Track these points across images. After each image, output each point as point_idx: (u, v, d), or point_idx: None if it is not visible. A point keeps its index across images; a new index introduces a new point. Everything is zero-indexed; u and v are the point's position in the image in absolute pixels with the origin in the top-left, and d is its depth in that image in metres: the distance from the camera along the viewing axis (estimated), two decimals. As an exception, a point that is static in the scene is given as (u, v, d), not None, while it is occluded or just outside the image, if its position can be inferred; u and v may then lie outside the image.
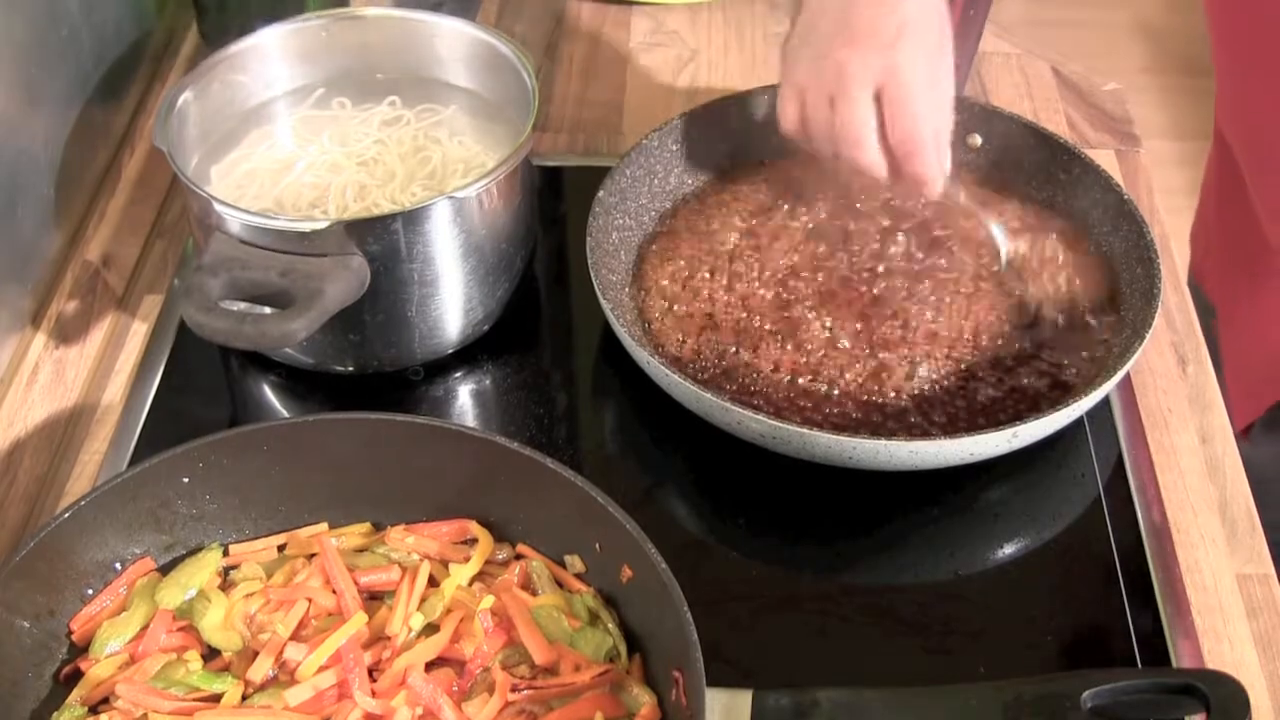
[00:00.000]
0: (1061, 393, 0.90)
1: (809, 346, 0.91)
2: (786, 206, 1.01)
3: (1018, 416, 0.88)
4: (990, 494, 0.88)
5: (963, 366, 0.90)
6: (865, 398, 0.89)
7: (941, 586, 0.84)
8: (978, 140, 1.06)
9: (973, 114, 1.06)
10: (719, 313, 0.94)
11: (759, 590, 0.83)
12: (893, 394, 0.89)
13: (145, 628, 0.76)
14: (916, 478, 0.86)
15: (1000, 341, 0.92)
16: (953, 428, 0.87)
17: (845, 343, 0.91)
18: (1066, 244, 0.98)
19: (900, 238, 0.98)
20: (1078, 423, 0.90)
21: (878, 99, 0.84)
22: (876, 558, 0.86)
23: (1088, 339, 0.93)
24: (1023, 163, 1.04)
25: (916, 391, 0.89)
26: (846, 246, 0.98)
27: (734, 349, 0.92)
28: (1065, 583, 0.85)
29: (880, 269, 0.96)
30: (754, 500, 0.88)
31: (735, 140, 1.07)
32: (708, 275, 0.97)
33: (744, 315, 0.94)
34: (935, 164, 0.86)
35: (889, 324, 0.92)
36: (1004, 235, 0.97)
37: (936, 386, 0.89)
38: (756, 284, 0.95)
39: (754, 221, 1.00)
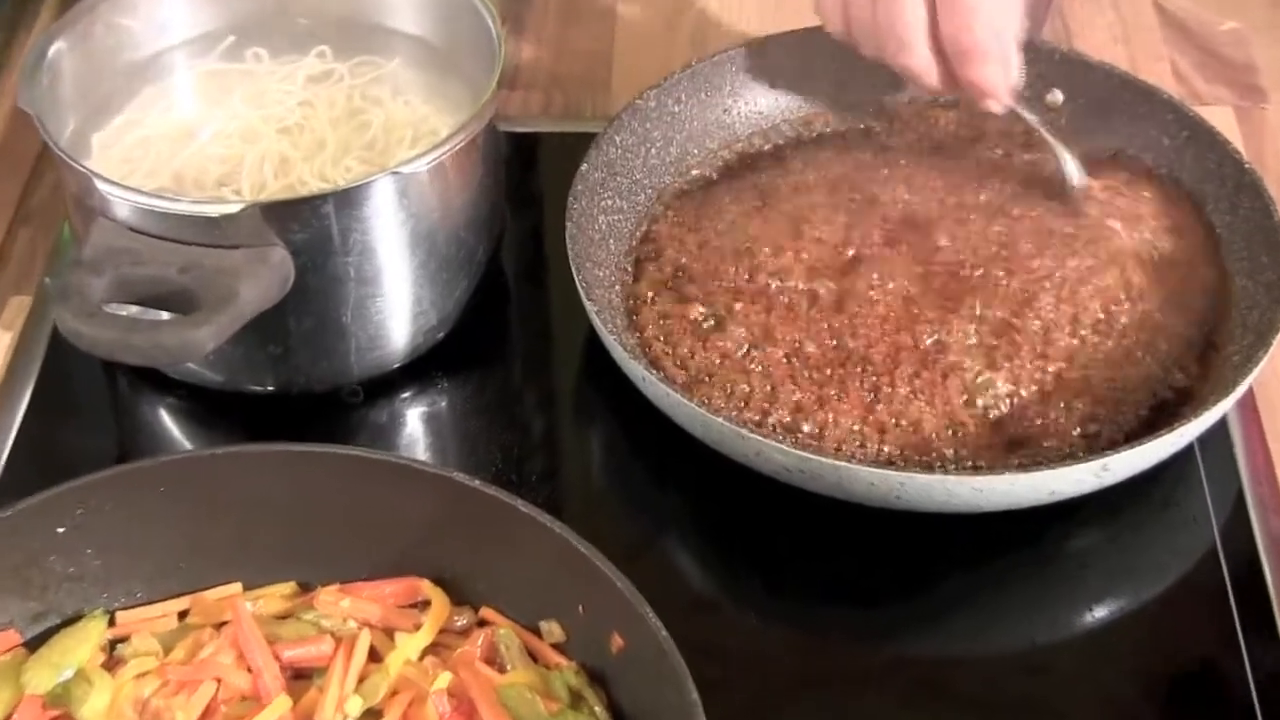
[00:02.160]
0: (1166, 413, 0.90)
1: (848, 352, 0.92)
2: (816, 187, 1.02)
3: (1110, 444, 0.88)
4: (1076, 542, 0.89)
5: (1043, 380, 0.91)
6: (921, 423, 0.89)
7: (1016, 658, 0.85)
8: (1059, 97, 1.07)
9: (1053, 63, 1.06)
10: (731, 316, 0.95)
11: (782, 663, 0.84)
12: (960, 418, 0.90)
13: (7, 719, 0.77)
14: (983, 522, 0.86)
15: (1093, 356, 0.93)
16: (1028, 459, 0.88)
17: (897, 356, 0.92)
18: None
19: (973, 219, 0.98)
20: (1187, 451, 0.91)
21: None
22: (932, 623, 0.87)
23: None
24: (1116, 124, 1.05)
25: (988, 412, 0.90)
26: (912, 232, 0.98)
27: (752, 361, 0.92)
28: (1172, 652, 0.85)
29: (947, 263, 0.96)
30: (776, 551, 0.89)
31: (752, 100, 1.08)
32: (717, 269, 0.97)
33: (763, 318, 0.94)
34: (997, 69, 0.92)
35: (956, 333, 0.92)
36: (1077, 169, 1.00)
37: (1013, 404, 0.90)
38: (778, 280, 0.96)
39: (777, 203, 1.01)
